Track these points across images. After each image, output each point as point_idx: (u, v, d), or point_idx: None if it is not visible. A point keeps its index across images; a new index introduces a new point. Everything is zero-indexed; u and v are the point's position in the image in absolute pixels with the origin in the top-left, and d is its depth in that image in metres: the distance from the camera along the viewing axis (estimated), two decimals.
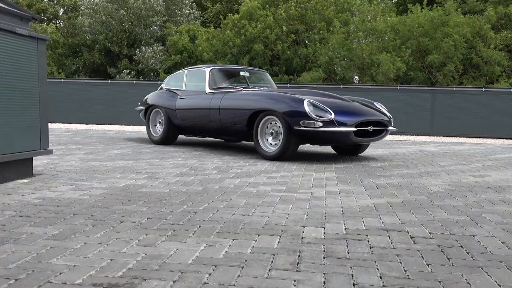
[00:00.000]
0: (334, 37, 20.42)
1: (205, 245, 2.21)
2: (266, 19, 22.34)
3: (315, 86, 12.69)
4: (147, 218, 2.70)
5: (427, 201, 3.43)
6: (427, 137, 11.72)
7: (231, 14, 25.15)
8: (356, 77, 21.94)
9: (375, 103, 6.40)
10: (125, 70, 24.27)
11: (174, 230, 2.45)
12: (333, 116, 5.40)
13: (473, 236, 2.47)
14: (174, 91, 7.46)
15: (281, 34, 22.31)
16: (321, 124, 5.35)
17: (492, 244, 2.33)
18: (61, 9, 36.47)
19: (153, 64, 24.22)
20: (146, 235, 2.35)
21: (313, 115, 5.36)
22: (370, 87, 12.32)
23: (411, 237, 2.42)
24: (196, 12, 29.30)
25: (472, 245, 2.30)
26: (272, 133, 5.84)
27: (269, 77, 7.63)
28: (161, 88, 7.87)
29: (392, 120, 6.17)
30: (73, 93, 14.10)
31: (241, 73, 7.17)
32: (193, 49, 24.29)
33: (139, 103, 8.17)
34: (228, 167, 5.02)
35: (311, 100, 5.54)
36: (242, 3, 24.07)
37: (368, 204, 3.26)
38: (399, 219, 2.81)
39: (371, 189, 3.87)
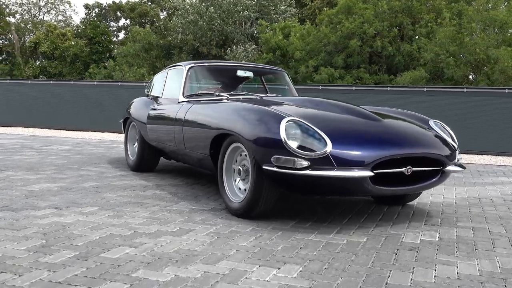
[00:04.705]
0: (442, 30, 17.11)
1: None
2: (365, 13, 19.54)
3: (388, 89, 9.76)
4: None
5: None
6: None
7: (327, 8, 22.68)
8: (471, 76, 18.27)
9: (431, 122, 3.77)
10: None
11: None
12: (329, 148, 2.94)
13: None
14: (154, 97, 5.39)
15: (382, 29, 19.35)
16: (306, 163, 2.92)
17: None
18: (163, 11, 36.55)
19: None
20: None
21: (293, 147, 2.95)
22: (465, 90, 9.07)
23: None
24: (293, 9, 27.17)
25: None
26: (240, 172, 3.51)
27: (287, 78, 5.26)
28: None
29: (457, 152, 3.52)
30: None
31: (239, 72, 4.91)
32: (286, 47, 22.27)
33: None
34: (127, 238, 2.82)
35: (296, 119, 3.12)
36: None
37: None
38: None
39: None
